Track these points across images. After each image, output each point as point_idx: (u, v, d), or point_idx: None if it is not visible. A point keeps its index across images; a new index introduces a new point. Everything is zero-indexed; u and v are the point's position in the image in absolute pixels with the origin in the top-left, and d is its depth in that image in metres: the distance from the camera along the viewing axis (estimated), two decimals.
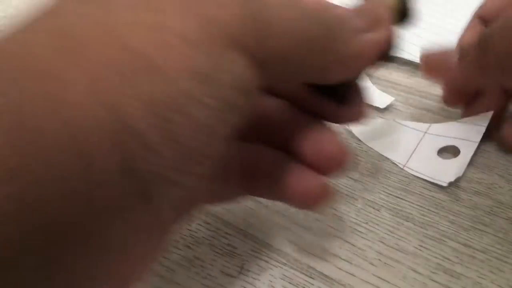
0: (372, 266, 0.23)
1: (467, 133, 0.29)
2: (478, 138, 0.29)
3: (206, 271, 0.23)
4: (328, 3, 0.18)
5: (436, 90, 0.36)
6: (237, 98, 0.15)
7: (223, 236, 0.25)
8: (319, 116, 0.21)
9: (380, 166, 0.28)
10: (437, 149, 0.29)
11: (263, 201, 0.26)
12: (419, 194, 0.27)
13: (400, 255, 0.23)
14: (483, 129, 0.29)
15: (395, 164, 0.29)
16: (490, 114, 0.30)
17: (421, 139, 0.30)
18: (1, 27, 0.16)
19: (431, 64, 0.30)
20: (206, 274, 0.23)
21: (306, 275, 0.23)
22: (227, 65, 0.15)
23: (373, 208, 0.26)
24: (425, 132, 0.30)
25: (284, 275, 0.23)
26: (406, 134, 0.30)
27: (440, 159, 0.28)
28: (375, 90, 0.35)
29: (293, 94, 0.21)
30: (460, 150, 0.28)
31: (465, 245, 0.24)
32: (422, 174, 0.28)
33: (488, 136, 0.29)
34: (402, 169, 0.28)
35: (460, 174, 0.27)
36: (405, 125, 0.31)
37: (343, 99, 0.21)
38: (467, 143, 0.29)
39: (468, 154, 0.28)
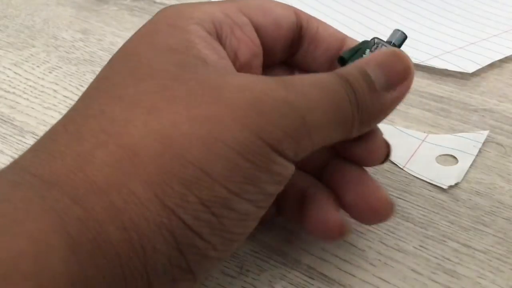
0: (372, 266, 0.23)
1: (463, 146, 0.30)
2: (475, 151, 0.29)
3: None
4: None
5: (436, 90, 0.36)
6: (276, 189, 0.18)
7: None
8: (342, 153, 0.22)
9: (380, 166, 0.28)
10: (436, 156, 0.29)
11: None
12: (419, 194, 0.27)
13: (400, 255, 0.23)
14: (479, 145, 0.30)
15: (395, 164, 0.29)
16: (486, 133, 0.30)
17: (419, 146, 0.30)
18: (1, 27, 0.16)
19: None
20: (206, 275, 0.23)
21: (306, 275, 0.23)
22: (269, 167, 0.17)
23: None
24: (423, 140, 0.30)
25: (284, 275, 0.22)
26: (404, 139, 0.30)
27: (439, 165, 0.28)
28: None
29: None
30: (458, 160, 0.29)
31: (465, 245, 0.24)
32: (422, 175, 0.28)
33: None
34: (402, 169, 0.28)
35: (460, 180, 0.27)
36: (404, 132, 0.31)
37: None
38: (465, 154, 0.29)
39: (466, 163, 0.28)
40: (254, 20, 0.22)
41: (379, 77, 0.20)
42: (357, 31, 0.42)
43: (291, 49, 0.24)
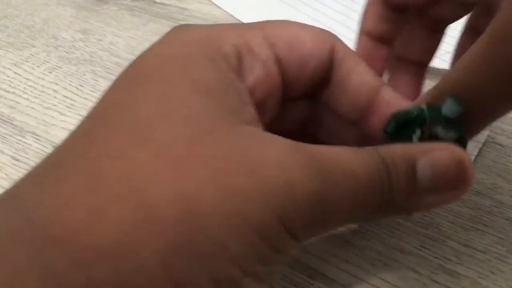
0: (372, 266, 0.23)
1: None
2: (475, 152, 0.29)
3: None
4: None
5: None
6: (282, 267, 0.18)
7: None
8: None
9: None
10: None
11: None
12: None
13: (400, 255, 0.23)
14: (479, 145, 0.29)
15: None
16: (486, 133, 0.30)
17: None
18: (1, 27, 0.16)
19: None
20: None
21: (306, 275, 0.23)
22: (282, 249, 0.17)
23: None
24: None
25: (284, 275, 0.22)
26: None
27: None
28: None
29: None
30: None
31: (465, 245, 0.24)
32: None
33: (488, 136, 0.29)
34: None
35: None
36: None
37: None
38: None
39: None
40: (279, 53, 0.20)
41: (426, 178, 0.18)
42: (357, 31, 0.42)
43: (318, 86, 0.22)
